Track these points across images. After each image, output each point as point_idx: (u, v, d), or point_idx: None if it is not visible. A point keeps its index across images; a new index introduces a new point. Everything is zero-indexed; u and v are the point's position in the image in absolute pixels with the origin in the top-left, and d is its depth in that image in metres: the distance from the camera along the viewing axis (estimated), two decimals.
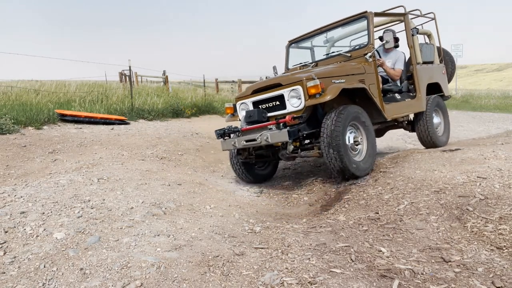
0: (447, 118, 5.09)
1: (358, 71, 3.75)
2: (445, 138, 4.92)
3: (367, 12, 3.97)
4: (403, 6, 4.54)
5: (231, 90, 15.79)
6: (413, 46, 4.49)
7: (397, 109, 4.16)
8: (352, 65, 3.83)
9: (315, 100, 3.30)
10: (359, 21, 4.11)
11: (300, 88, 3.39)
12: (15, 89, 8.73)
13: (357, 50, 4.04)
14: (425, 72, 4.64)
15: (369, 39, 3.91)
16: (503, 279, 1.55)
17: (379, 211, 2.55)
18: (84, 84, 11.73)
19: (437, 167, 3.16)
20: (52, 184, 3.17)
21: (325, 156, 3.33)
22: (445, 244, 1.97)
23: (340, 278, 1.59)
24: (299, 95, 3.41)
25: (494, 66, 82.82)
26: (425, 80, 4.61)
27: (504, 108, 15.84)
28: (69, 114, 6.60)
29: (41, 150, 4.74)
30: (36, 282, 1.65)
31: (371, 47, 3.89)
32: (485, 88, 38.82)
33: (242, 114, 3.99)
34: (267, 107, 3.75)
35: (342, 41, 4.77)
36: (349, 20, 4.18)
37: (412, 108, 4.42)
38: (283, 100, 3.56)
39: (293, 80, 3.49)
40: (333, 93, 3.29)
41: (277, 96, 3.62)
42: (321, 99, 3.27)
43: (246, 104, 3.96)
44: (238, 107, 4.09)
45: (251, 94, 3.90)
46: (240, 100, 4.04)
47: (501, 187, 2.43)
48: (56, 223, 2.35)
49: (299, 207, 3.36)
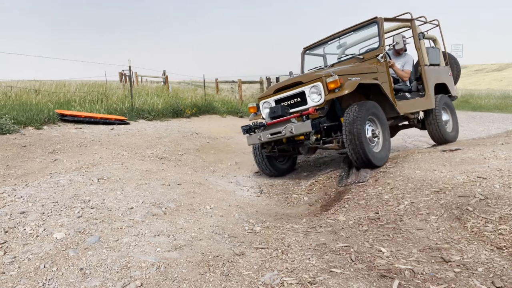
0: (455, 116, 5.39)
1: (371, 70, 4.06)
2: (454, 133, 5.22)
3: (377, 18, 4.33)
4: (410, 12, 4.91)
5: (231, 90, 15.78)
6: (420, 49, 4.81)
7: (408, 105, 4.46)
8: (366, 65, 4.16)
9: (334, 94, 3.59)
10: (370, 26, 4.46)
11: (320, 84, 3.70)
12: (15, 89, 8.73)
13: (369, 52, 4.37)
14: (433, 73, 4.94)
15: (380, 42, 4.26)
16: (503, 279, 1.55)
17: (379, 211, 2.55)
18: (84, 84, 11.73)
19: (437, 167, 3.16)
20: (52, 184, 3.17)
21: (346, 146, 3.55)
22: (445, 244, 1.97)
23: (340, 278, 1.59)
24: (319, 90, 3.71)
25: (494, 66, 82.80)
26: (433, 80, 4.90)
27: (504, 108, 15.84)
28: (69, 114, 6.60)
29: (41, 150, 4.74)
30: (36, 282, 1.65)
31: (382, 49, 4.23)
32: (485, 88, 38.81)
33: (265, 112, 4.32)
34: (289, 104, 4.05)
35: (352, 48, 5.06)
36: (360, 26, 4.54)
37: (422, 105, 4.69)
38: (304, 97, 3.87)
39: (313, 77, 3.81)
40: (351, 87, 3.55)
41: (298, 93, 3.93)
42: (340, 93, 3.55)
43: (269, 102, 4.31)
44: (261, 106, 4.43)
45: (273, 93, 4.25)
46: (263, 99, 4.39)
47: (501, 187, 2.43)
48: (56, 223, 2.35)
49: (299, 207, 3.36)
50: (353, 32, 4.65)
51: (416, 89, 4.93)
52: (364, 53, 4.44)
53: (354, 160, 3.60)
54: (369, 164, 3.57)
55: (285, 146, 4.32)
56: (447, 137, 4.93)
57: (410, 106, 4.48)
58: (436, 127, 4.85)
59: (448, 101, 5.27)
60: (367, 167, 3.62)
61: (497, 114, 13.58)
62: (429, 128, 4.92)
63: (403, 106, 4.32)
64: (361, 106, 3.60)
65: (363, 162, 3.56)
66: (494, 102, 17.37)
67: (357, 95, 4.02)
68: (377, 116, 3.81)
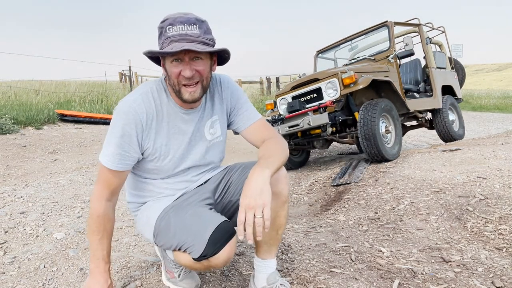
0: (461, 116, 5.70)
1: (383, 69, 4.32)
2: (461, 132, 5.51)
3: (387, 22, 4.65)
4: (418, 18, 5.26)
5: None
6: (428, 52, 5.13)
7: (417, 103, 4.72)
8: (378, 65, 4.44)
9: (350, 89, 3.82)
10: (380, 30, 4.76)
11: (336, 80, 3.94)
12: (15, 89, 8.74)
13: (380, 54, 4.63)
14: (440, 75, 5.26)
15: (390, 44, 4.55)
16: (503, 279, 1.55)
17: (379, 211, 2.54)
18: (84, 84, 11.73)
19: (437, 167, 3.16)
20: (52, 184, 3.17)
21: (361, 141, 3.73)
22: (445, 244, 1.97)
23: (340, 278, 1.59)
24: (335, 86, 3.95)
25: (494, 66, 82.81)
26: (440, 82, 5.19)
27: (504, 108, 15.85)
28: (69, 114, 6.60)
29: (41, 150, 4.74)
30: (36, 282, 1.65)
31: (392, 50, 4.50)
32: (485, 88, 38.82)
33: (282, 107, 4.55)
34: (305, 100, 4.29)
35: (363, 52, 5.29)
36: (371, 29, 4.84)
37: (430, 104, 4.94)
38: (320, 93, 4.13)
39: (329, 74, 4.07)
40: (365, 83, 3.76)
41: (314, 89, 4.19)
42: (355, 87, 3.78)
43: (285, 99, 4.53)
44: (278, 102, 4.65)
45: (291, 90, 4.49)
46: (280, 96, 4.61)
47: (501, 187, 2.43)
48: (56, 223, 2.35)
49: (299, 207, 3.36)
50: (364, 35, 4.94)
51: (424, 90, 5.22)
52: (375, 54, 4.68)
53: (368, 154, 3.78)
54: (382, 158, 3.74)
55: (300, 140, 4.51)
56: (454, 135, 5.17)
57: (419, 104, 4.73)
58: (443, 126, 5.10)
59: (454, 101, 5.55)
60: (380, 162, 3.81)
61: (497, 114, 13.59)
62: (437, 127, 5.18)
63: (413, 104, 4.57)
64: (375, 105, 3.78)
65: (377, 157, 3.73)
66: (494, 102, 17.37)
67: (369, 92, 4.33)
68: (390, 113, 4.00)
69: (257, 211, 1.08)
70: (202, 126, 1.40)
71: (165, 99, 1.31)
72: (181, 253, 1.21)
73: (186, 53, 1.17)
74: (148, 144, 1.30)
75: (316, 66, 5.66)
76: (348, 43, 5.21)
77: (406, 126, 5.57)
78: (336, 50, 5.50)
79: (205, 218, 1.22)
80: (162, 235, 1.28)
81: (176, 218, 1.27)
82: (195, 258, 1.15)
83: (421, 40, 5.13)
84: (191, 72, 1.19)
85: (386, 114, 3.97)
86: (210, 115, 1.42)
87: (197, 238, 1.16)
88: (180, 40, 1.15)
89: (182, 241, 1.19)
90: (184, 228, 1.22)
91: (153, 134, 1.29)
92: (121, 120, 1.22)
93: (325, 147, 4.63)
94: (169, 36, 1.16)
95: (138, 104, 1.24)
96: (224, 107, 1.45)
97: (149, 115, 1.26)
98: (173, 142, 1.34)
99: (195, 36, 1.17)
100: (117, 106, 1.25)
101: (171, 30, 1.16)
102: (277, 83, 14.76)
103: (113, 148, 1.24)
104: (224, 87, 1.45)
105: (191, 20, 1.17)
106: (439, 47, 5.81)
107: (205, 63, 1.23)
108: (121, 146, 1.23)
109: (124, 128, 1.22)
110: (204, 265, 1.17)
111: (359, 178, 3.41)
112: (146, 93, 1.28)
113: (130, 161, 1.28)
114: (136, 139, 1.26)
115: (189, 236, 1.18)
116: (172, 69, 1.20)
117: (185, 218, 1.25)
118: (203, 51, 1.16)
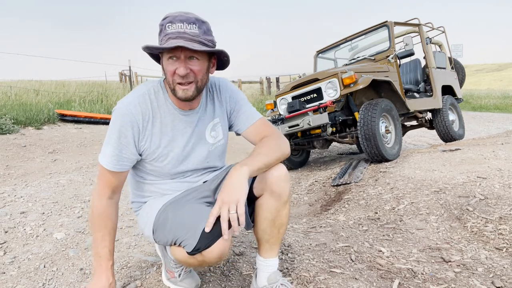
0: (461, 116, 5.68)
1: (383, 69, 4.31)
2: (461, 132, 5.50)
3: (387, 22, 4.62)
4: (418, 18, 5.24)
5: None
6: (428, 52, 5.11)
7: (417, 103, 4.71)
8: (378, 65, 4.43)
9: (350, 89, 3.81)
10: (380, 30, 4.74)
11: (336, 80, 3.93)
12: (15, 89, 8.73)
13: (380, 54, 4.62)
14: (440, 74, 5.24)
15: (390, 44, 4.53)
16: (503, 279, 1.55)
17: (379, 211, 2.54)
18: (83, 84, 11.73)
19: (437, 167, 3.16)
20: (52, 184, 3.17)
21: (361, 141, 3.72)
22: (445, 244, 1.97)
23: (340, 278, 1.59)
24: (335, 86, 3.94)
25: (494, 66, 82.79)
26: (440, 82, 5.17)
27: (504, 108, 15.84)
28: (69, 114, 6.60)
29: (41, 150, 4.74)
30: (36, 282, 1.65)
31: (392, 50, 4.48)
32: (485, 88, 38.81)
33: (282, 107, 4.54)
34: (305, 100, 4.28)
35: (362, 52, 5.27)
36: (371, 29, 4.82)
37: (430, 104, 4.92)
38: (320, 93, 4.12)
39: (329, 74, 4.05)
40: (365, 83, 3.75)
41: (314, 89, 4.18)
42: (355, 87, 3.76)
43: (285, 99, 4.51)
44: (278, 102, 4.63)
45: (290, 90, 4.47)
46: (280, 96, 4.60)
47: (501, 187, 2.43)
48: (56, 223, 2.35)
49: (299, 207, 3.36)
50: (364, 35, 4.92)
51: (424, 90, 5.20)
52: (375, 54, 4.67)
53: (368, 154, 3.78)
54: (382, 158, 3.74)
55: (300, 140, 4.49)
56: (454, 135, 5.15)
57: (419, 104, 4.72)
58: (443, 126, 5.09)
59: (454, 102, 5.53)
60: (380, 162, 3.80)
61: (497, 114, 13.58)
62: (437, 127, 5.16)
63: (413, 104, 4.56)
64: (375, 105, 3.77)
65: (377, 157, 3.74)
66: (494, 102, 17.37)
67: (369, 92, 4.31)
68: (390, 113, 4.01)
69: (231, 207, 1.11)
70: (203, 129, 1.40)
71: (162, 100, 1.31)
72: (177, 248, 1.23)
73: (182, 51, 1.17)
74: (146, 145, 1.30)
75: (316, 66, 5.65)
76: (348, 43, 5.20)
77: (406, 126, 5.55)
78: (336, 50, 5.47)
79: (201, 213, 1.24)
80: (159, 230, 1.30)
81: (173, 213, 1.29)
82: (189, 251, 1.16)
83: (421, 40, 5.12)
84: (185, 70, 1.19)
85: (386, 114, 3.97)
86: (211, 117, 1.42)
87: (190, 231, 1.17)
88: (177, 37, 1.15)
89: (177, 235, 1.21)
90: (179, 223, 1.24)
91: (150, 136, 1.30)
92: (118, 122, 1.24)
93: (325, 147, 4.62)
94: (167, 33, 1.17)
95: (134, 106, 1.25)
96: (224, 110, 1.46)
97: (145, 116, 1.27)
98: (172, 143, 1.34)
99: (193, 35, 1.17)
100: (115, 108, 1.26)
101: (170, 28, 1.17)
102: (277, 83, 14.77)
103: (111, 150, 1.25)
104: (222, 90, 1.45)
105: (190, 19, 1.18)
106: (439, 47, 5.81)
107: (201, 64, 1.22)
108: (118, 147, 1.25)
109: (121, 130, 1.24)
110: (199, 260, 1.17)
111: (359, 178, 3.41)
112: (143, 95, 1.29)
113: (128, 162, 1.29)
114: (133, 141, 1.26)
115: (184, 230, 1.20)
116: (168, 67, 1.21)
117: (181, 213, 1.27)
118: (198, 50, 1.16)
